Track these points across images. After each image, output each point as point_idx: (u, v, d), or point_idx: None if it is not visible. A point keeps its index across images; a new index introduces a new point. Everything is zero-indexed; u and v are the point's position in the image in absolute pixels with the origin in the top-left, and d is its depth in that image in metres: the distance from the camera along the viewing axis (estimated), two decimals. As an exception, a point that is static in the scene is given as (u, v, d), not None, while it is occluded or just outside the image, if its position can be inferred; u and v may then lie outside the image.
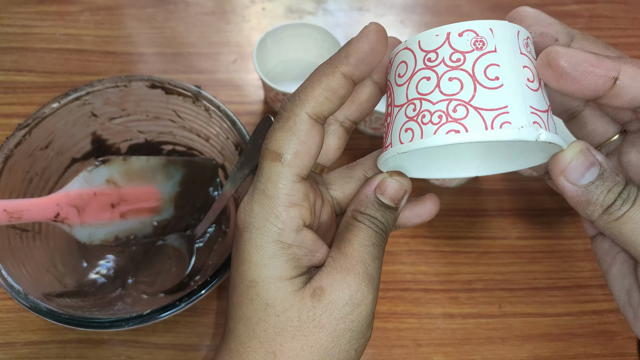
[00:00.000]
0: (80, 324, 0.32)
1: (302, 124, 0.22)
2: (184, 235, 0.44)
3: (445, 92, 0.20)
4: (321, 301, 0.22)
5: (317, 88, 0.21)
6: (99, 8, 0.64)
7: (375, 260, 0.23)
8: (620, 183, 0.20)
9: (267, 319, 0.22)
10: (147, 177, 0.41)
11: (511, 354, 0.45)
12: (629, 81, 0.20)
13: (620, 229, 0.20)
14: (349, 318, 0.22)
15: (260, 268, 0.22)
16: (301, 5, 0.67)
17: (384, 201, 0.24)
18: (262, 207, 0.22)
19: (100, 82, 0.41)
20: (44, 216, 0.35)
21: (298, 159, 0.22)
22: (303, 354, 0.22)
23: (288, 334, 0.22)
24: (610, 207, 0.20)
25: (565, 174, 0.21)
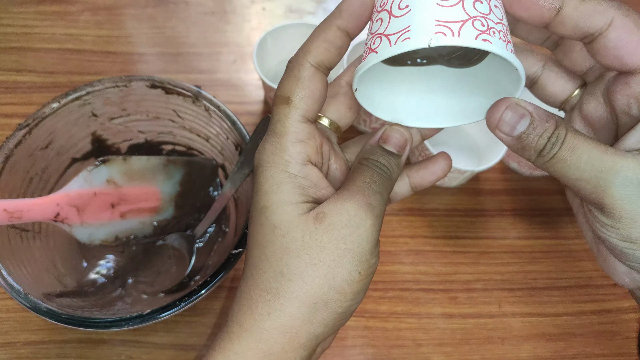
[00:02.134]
0: (80, 324, 0.32)
1: (305, 72, 0.25)
2: (184, 235, 0.44)
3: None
4: (322, 223, 0.24)
5: (316, 40, 0.25)
6: (99, 8, 0.64)
7: (376, 194, 0.25)
8: (549, 129, 0.23)
9: (274, 240, 0.25)
10: (147, 177, 0.41)
11: (511, 353, 0.45)
12: (571, 10, 0.22)
13: (553, 168, 0.23)
14: (349, 239, 0.24)
15: (269, 195, 0.25)
16: (301, 5, 0.67)
17: (387, 148, 0.26)
18: (272, 144, 0.25)
19: (101, 82, 0.41)
20: (44, 216, 0.35)
21: (302, 101, 0.25)
22: (307, 271, 0.24)
23: (293, 254, 0.24)
24: (542, 151, 0.23)
25: (499, 128, 0.24)
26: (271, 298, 0.24)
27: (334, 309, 0.24)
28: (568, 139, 0.23)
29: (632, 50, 0.23)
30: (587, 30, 0.23)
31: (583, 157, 0.22)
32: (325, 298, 0.24)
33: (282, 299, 0.24)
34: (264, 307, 0.24)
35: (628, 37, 0.22)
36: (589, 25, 0.23)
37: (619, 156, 0.22)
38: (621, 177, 0.22)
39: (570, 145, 0.22)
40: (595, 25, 0.22)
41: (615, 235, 0.23)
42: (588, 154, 0.22)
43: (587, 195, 0.23)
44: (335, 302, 0.24)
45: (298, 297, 0.24)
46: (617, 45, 0.23)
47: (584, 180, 0.22)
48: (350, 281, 0.24)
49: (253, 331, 0.24)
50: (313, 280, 0.24)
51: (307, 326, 0.24)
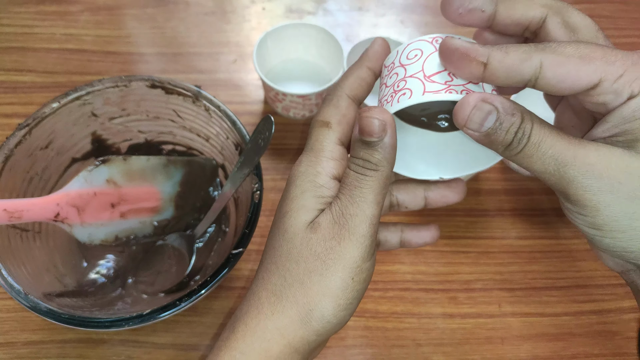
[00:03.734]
0: (80, 324, 0.32)
1: (343, 101, 0.28)
2: (184, 235, 0.44)
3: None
4: (316, 233, 0.26)
5: (351, 77, 0.29)
6: (99, 8, 0.64)
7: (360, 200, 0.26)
8: (515, 123, 0.23)
9: (282, 244, 0.27)
10: (147, 177, 0.41)
11: (510, 353, 0.45)
12: (497, 64, 0.23)
13: (519, 161, 0.24)
14: (337, 249, 0.25)
15: (292, 200, 0.27)
16: (301, 5, 0.67)
17: (364, 139, 0.26)
18: (308, 158, 0.28)
19: (101, 82, 0.41)
20: (44, 216, 0.36)
21: (340, 126, 0.28)
22: (305, 278, 0.25)
23: (293, 259, 0.26)
24: (509, 146, 0.24)
25: (467, 125, 0.24)
26: (275, 300, 0.26)
27: (329, 319, 0.25)
28: (533, 133, 0.23)
29: (574, 78, 0.23)
30: (522, 78, 0.24)
31: (547, 152, 0.23)
32: (321, 306, 0.25)
33: (285, 301, 0.25)
34: (269, 308, 0.26)
35: (564, 70, 0.23)
36: (520, 74, 0.23)
37: (581, 148, 0.23)
38: (582, 171, 0.23)
39: (535, 141, 0.23)
40: (526, 72, 0.23)
41: (583, 222, 0.24)
42: (552, 148, 0.23)
43: (553, 186, 0.24)
44: (330, 311, 0.25)
45: (297, 301, 0.25)
46: (559, 79, 0.23)
47: (548, 173, 0.23)
48: (344, 288, 0.25)
49: (257, 330, 0.25)
50: (311, 287, 0.25)
51: (302, 331, 0.25)
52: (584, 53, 0.23)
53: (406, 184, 0.32)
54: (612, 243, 0.24)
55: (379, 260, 0.49)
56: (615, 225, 0.23)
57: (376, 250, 0.28)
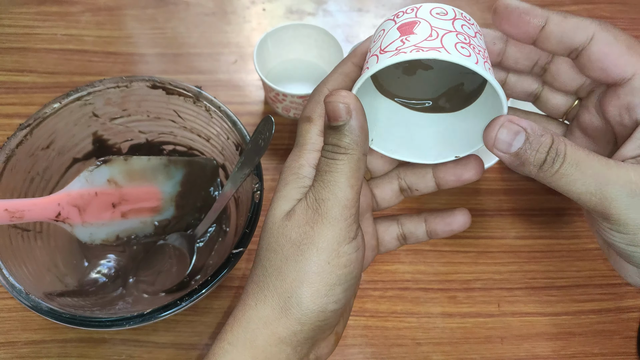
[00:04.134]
0: (81, 323, 0.32)
1: (323, 96, 0.27)
2: (185, 234, 0.44)
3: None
4: (290, 220, 0.26)
5: (334, 73, 0.29)
6: (100, 9, 0.64)
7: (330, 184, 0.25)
8: (546, 143, 0.23)
9: (263, 236, 0.27)
10: (148, 177, 0.42)
11: (510, 353, 0.45)
12: (554, 26, 0.24)
13: (557, 183, 0.24)
14: (310, 233, 0.25)
15: (276, 193, 0.28)
16: (301, 6, 0.67)
17: (332, 124, 0.25)
18: (294, 153, 0.28)
19: (102, 82, 0.41)
20: (46, 216, 0.36)
21: (321, 119, 0.28)
22: (282, 266, 0.26)
23: (272, 249, 0.26)
24: (543, 165, 0.23)
25: (496, 146, 0.24)
26: (258, 290, 0.26)
27: (307, 305, 0.25)
28: (569, 153, 0.23)
29: (614, 62, 0.24)
30: (571, 44, 0.25)
31: (587, 172, 0.23)
32: (298, 293, 0.25)
33: (266, 290, 0.26)
34: (252, 299, 0.26)
35: (609, 50, 0.24)
36: (572, 39, 0.24)
37: (620, 168, 0.23)
38: (625, 190, 0.23)
39: (573, 161, 0.23)
40: (578, 40, 0.24)
41: (622, 240, 0.24)
42: (591, 168, 0.23)
43: (593, 208, 0.24)
44: (308, 297, 0.25)
45: (276, 289, 0.26)
46: (600, 57, 0.24)
47: (589, 193, 0.23)
48: (320, 272, 0.25)
49: (242, 321, 0.26)
50: (288, 275, 0.25)
51: (285, 320, 0.25)
52: (632, 45, 0.24)
53: (413, 165, 0.31)
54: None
55: (378, 259, 0.49)
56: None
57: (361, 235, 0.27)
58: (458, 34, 0.24)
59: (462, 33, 0.24)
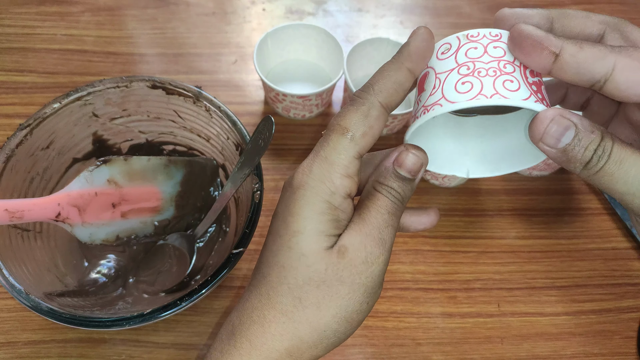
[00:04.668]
0: (81, 323, 0.32)
1: (374, 110, 0.25)
2: (185, 234, 0.44)
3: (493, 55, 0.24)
4: (344, 258, 0.25)
5: (388, 81, 0.25)
6: (100, 9, 0.64)
7: (389, 227, 0.26)
8: (595, 140, 0.22)
9: (299, 267, 0.26)
10: (148, 177, 0.42)
11: (510, 353, 0.45)
12: (569, 57, 0.22)
13: (600, 181, 0.23)
14: (364, 275, 0.25)
15: (307, 221, 0.25)
16: (301, 6, 0.67)
17: (402, 173, 0.26)
18: (322, 170, 0.26)
19: (102, 82, 0.41)
20: (45, 216, 0.36)
21: (364, 139, 0.25)
22: (324, 301, 0.25)
23: (314, 284, 0.25)
24: (589, 163, 0.22)
25: (543, 140, 0.23)
26: (286, 321, 0.26)
27: (339, 337, 0.26)
28: (615, 151, 0.22)
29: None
30: (591, 76, 0.23)
31: (631, 171, 0.22)
32: (335, 327, 0.26)
33: (297, 323, 0.25)
34: (277, 329, 0.26)
35: (636, 76, 0.22)
36: (591, 72, 0.22)
37: None
38: None
39: (617, 159, 0.22)
40: (598, 72, 0.22)
41: None
42: (636, 167, 0.22)
43: (636, 209, 0.23)
44: (343, 331, 0.26)
45: (311, 323, 0.25)
46: (630, 85, 0.23)
47: (631, 194, 0.22)
48: (359, 311, 0.26)
49: (264, 350, 0.26)
50: (328, 311, 0.25)
51: (312, 350, 0.26)
52: None
53: None
54: None
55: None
56: None
57: None
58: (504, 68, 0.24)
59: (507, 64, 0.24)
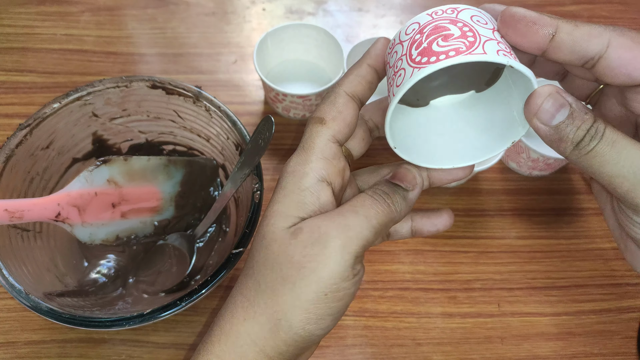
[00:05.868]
0: (81, 324, 0.32)
1: (339, 98, 0.27)
2: (185, 234, 0.44)
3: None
4: (296, 238, 0.25)
5: (350, 74, 0.28)
6: (100, 8, 0.64)
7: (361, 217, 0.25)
8: (588, 121, 0.22)
9: (259, 250, 0.26)
10: (147, 177, 0.41)
11: (510, 353, 0.45)
12: (565, 36, 0.23)
13: (590, 162, 0.22)
14: (315, 258, 0.24)
15: (274, 204, 0.26)
16: (301, 6, 0.67)
17: (396, 183, 0.27)
18: (298, 156, 0.27)
19: (101, 82, 0.41)
20: (45, 216, 0.36)
21: (335, 122, 0.27)
22: (277, 286, 0.25)
23: (269, 265, 0.25)
24: (580, 143, 0.22)
25: (538, 116, 0.23)
26: (249, 305, 0.25)
27: (296, 330, 0.24)
28: (607, 132, 0.22)
29: (638, 66, 0.23)
30: (585, 54, 0.23)
31: (622, 153, 0.22)
32: (289, 317, 0.24)
33: (256, 307, 0.25)
34: (241, 313, 0.25)
35: (631, 54, 0.23)
36: (586, 49, 0.23)
37: None
38: None
39: (610, 139, 0.22)
40: (593, 48, 0.23)
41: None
42: (628, 149, 0.22)
43: (624, 193, 0.23)
44: (298, 323, 0.24)
45: (267, 309, 0.25)
46: (622, 63, 0.23)
47: (622, 176, 0.22)
48: (315, 302, 0.24)
49: (231, 335, 0.25)
50: (282, 296, 0.24)
51: (272, 340, 0.25)
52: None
53: None
54: None
55: (378, 259, 0.49)
56: None
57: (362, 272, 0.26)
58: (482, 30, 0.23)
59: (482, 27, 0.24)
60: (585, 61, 0.23)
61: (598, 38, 0.23)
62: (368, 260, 0.49)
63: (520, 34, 0.23)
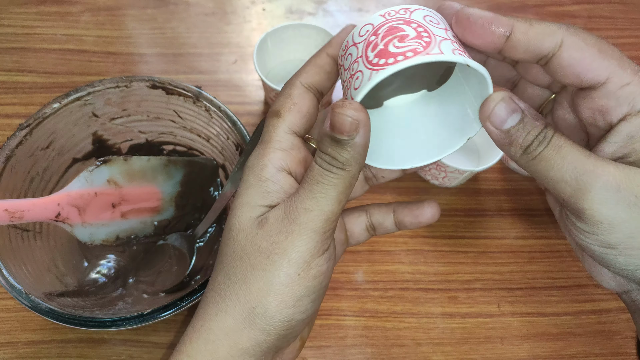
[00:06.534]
0: (81, 324, 0.32)
1: (295, 89, 0.27)
2: (185, 235, 0.44)
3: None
4: (263, 228, 0.25)
5: (307, 65, 0.28)
6: (100, 9, 0.64)
7: (317, 195, 0.24)
8: (538, 127, 0.23)
9: (228, 243, 0.26)
10: (147, 177, 0.41)
11: (510, 353, 0.45)
12: (521, 35, 0.23)
13: (537, 167, 0.23)
14: (283, 244, 0.24)
15: (238, 197, 0.26)
16: (301, 6, 0.67)
17: (335, 135, 0.23)
18: (257, 151, 0.27)
19: (101, 82, 0.41)
20: (45, 216, 0.36)
21: (290, 114, 0.27)
22: (248, 275, 0.24)
23: (237, 256, 0.25)
24: (528, 148, 0.23)
25: (490, 119, 0.23)
26: (219, 299, 0.25)
27: (272, 315, 0.24)
28: (555, 139, 0.23)
29: (587, 67, 0.23)
30: (539, 52, 0.24)
31: (567, 158, 0.22)
32: (264, 303, 0.24)
33: (228, 300, 0.25)
34: (213, 308, 0.25)
35: (580, 55, 0.23)
36: (540, 47, 0.23)
37: (600, 161, 0.22)
38: (601, 181, 0.22)
39: (556, 145, 0.23)
40: (546, 47, 0.23)
41: (594, 241, 0.23)
42: (572, 155, 0.22)
43: (567, 199, 0.23)
44: (274, 307, 0.24)
45: (240, 299, 0.24)
46: (572, 63, 0.23)
47: (565, 181, 0.23)
48: (289, 284, 0.24)
49: (202, 332, 0.25)
50: (253, 284, 0.24)
51: (248, 331, 0.24)
52: (604, 48, 0.23)
53: (379, 205, 0.31)
54: (626, 261, 0.23)
55: (378, 259, 0.49)
56: (630, 243, 0.22)
57: (333, 245, 0.26)
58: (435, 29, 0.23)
59: (435, 27, 0.24)
60: (539, 58, 0.24)
61: (551, 37, 0.23)
62: (368, 260, 0.49)
63: (477, 35, 0.24)
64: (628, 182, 0.22)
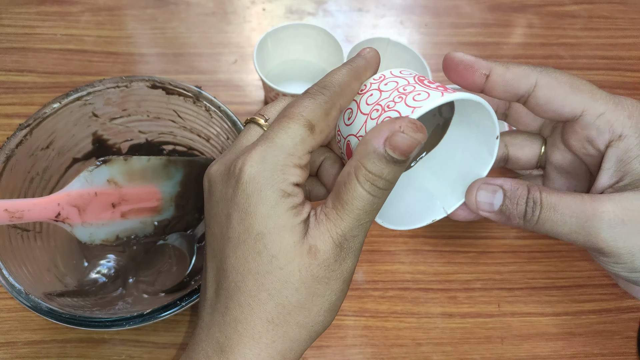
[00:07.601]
0: (81, 324, 0.32)
1: (334, 111, 0.25)
2: (185, 235, 0.44)
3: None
4: (317, 259, 0.24)
5: (348, 88, 0.26)
6: (100, 9, 0.64)
7: (363, 224, 0.25)
8: (523, 194, 0.25)
9: (273, 271, 0.24)
10: (147, 177, 0.41)
11: (510, 353, 0.45)
12: (497, 77, 0.26)
13: (544, 228, 0.25)
14: (338, 270, 0.25)
15: (268, 220, 0.24)
16: (301, 6, 0.67)
17: (394, 156, 0.22)
18: (277, 158, 0.24)
19: (101, 82, 0.41)
20: (45, 216, 0.36)
21: (321, 135, 0.25)
22: (307, 304, 0.25)
23: (292, 286, 0.24)
24: (525, 215, 0.25)
25: (480, 208, 0.26)
26: (274, 328, 0.25)
27: (326, 325, 0.26)
28: (544, 198, 0.25)
29: (561, 103, 0.26)
30: (516, 92, 0.26)
31: (565, 213, 0.24)
32: (322, 319, 0.25)
33: (286, 327, 0.25)
34: (267, 337, 0.25)
35: (553, 93, 0.26)
36: (516, 88, 0.26)
37: (595, 202, 0.24)
38: (605, 221, 0.24)
39: (549, 205, 0.24)
40: (522, 88, 0.26)
41: (621, 269, 0.25)
42: (569, 208, 0.24)
43: (583, 244, 0.25)
44: (329, 320, 0.26)
45: (299, 324, 0.25)
46: (547, 100, 0.26)
47: (574, 232, 0.24)
48: (340, 298, 0.26)
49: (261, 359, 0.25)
50: (312, 309, 0.25)
51: (304, 345, 0.26)
52: (575, 84, 0.26)
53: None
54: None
55: (378, 259, 0.49)
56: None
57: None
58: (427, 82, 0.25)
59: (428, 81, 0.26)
60: (518, 98, 0.27)
61: (526, 79, 0.26)
62: (368, 260, 0.49)
63: (460, 76, 0.27)
64: (629, 214, 0.24)
